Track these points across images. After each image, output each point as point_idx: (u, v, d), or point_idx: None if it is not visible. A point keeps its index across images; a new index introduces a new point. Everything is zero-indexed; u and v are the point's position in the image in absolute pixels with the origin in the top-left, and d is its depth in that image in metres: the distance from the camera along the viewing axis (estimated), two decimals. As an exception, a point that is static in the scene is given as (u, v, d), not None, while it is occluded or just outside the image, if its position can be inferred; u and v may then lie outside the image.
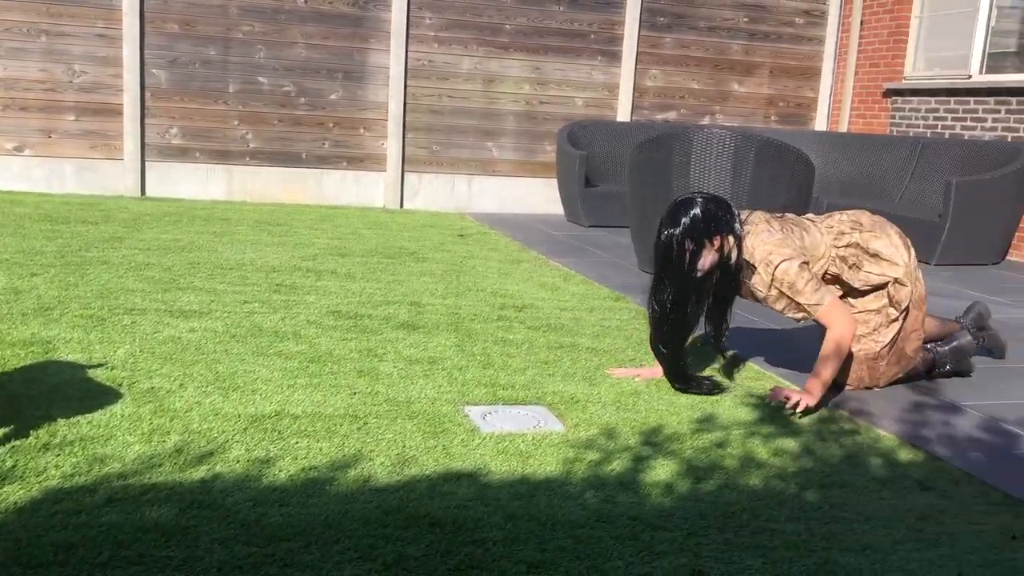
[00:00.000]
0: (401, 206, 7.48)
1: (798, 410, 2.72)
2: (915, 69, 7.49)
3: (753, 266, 2.83)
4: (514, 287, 4.49)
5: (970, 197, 5.86)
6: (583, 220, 6.98)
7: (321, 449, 2.29)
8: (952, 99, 6.99)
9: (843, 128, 8.09)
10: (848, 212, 3.02)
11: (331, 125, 7.27)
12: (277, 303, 3.84)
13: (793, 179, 4.64)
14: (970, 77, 6.86)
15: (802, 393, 2.76)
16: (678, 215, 2.77)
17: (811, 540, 1.95)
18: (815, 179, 7.60)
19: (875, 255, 2.92)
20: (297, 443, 2.32)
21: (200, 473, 2.10)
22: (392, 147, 7.36)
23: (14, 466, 2.07)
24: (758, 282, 2.84)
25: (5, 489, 1.96)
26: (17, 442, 2.20)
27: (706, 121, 8.05)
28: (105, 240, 5.04)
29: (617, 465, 2.31)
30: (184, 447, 2.25)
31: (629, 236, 6.16)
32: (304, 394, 2.70)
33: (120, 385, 2.67)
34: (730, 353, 3.41)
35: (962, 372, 3.28)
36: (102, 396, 2.56)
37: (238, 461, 2.18)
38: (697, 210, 2.76)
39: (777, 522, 2.03)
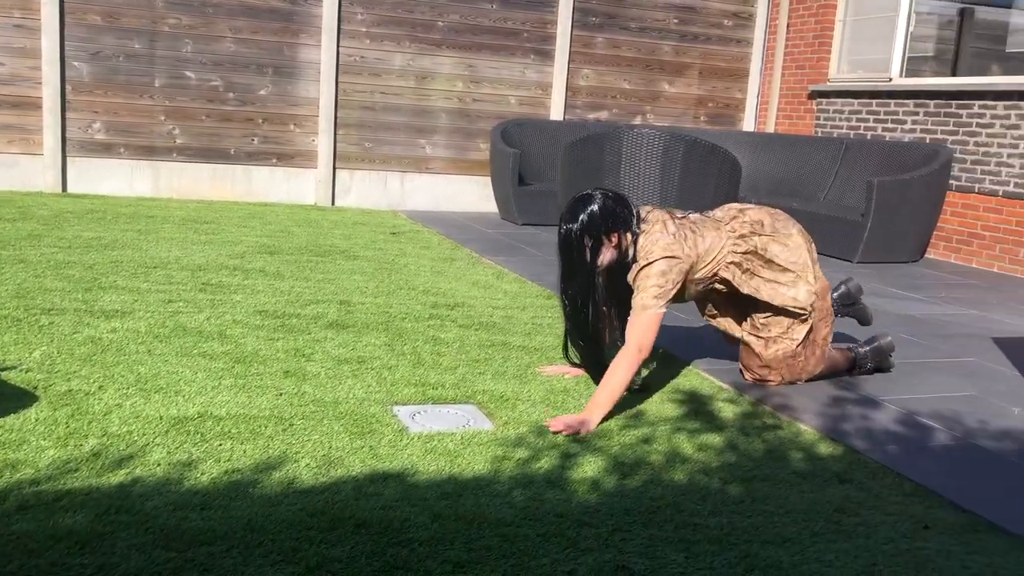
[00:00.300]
0: (332, 203, 7.40)
1: (579, 436, 2.53)
2: (839, 71, 7.68)
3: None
4: (446, 285, 4.48)
5: (891, 197, 6.04)
6: (517, 218, 7.00)
7: (245, 451, 2.25)
8: (874, 101, 7.20)
9: (770, 129, 8.26)
10: (751, 211, 3.02)
11: (261, 121, 7.16)
12: (203, 302, 3.76)
13: (720, 178, 4.72)
14: (891, 80, 7.07)
15: (582, 421, 2.56)
16: (577, 211, 2.77)
17: (733, 533, 1.99)
18: (742, 179, 7.76)
19: (770, 261, 2.94)
20: (220, 445, 2.28)
21: (118, 478, 2.05)
22: (323, 143, 7.28)
23: (-80, 473, 1.99)
24: (630, 275, 2.83)
25: (-91, 497, 1.88)
26: (-77, 448, 2.12)
27: (637, 121, 8.14)
28: (23, 238, 4.88)
29: (545, 463, 2.32)
30: (102, 451, 2.19)
31: (562, 234, 6.19)
32: (229, 395, 2.65)
33: (35, 388, 2.58)
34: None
35: (883, 369, 3.37)
36: (15, 399, 2.48)
37: (159, 464, 2.14)
38: (595, 206, 2.76)
39: (700, 516, 2.06)
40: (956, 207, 6.49)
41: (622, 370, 2.67)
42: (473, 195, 7.77)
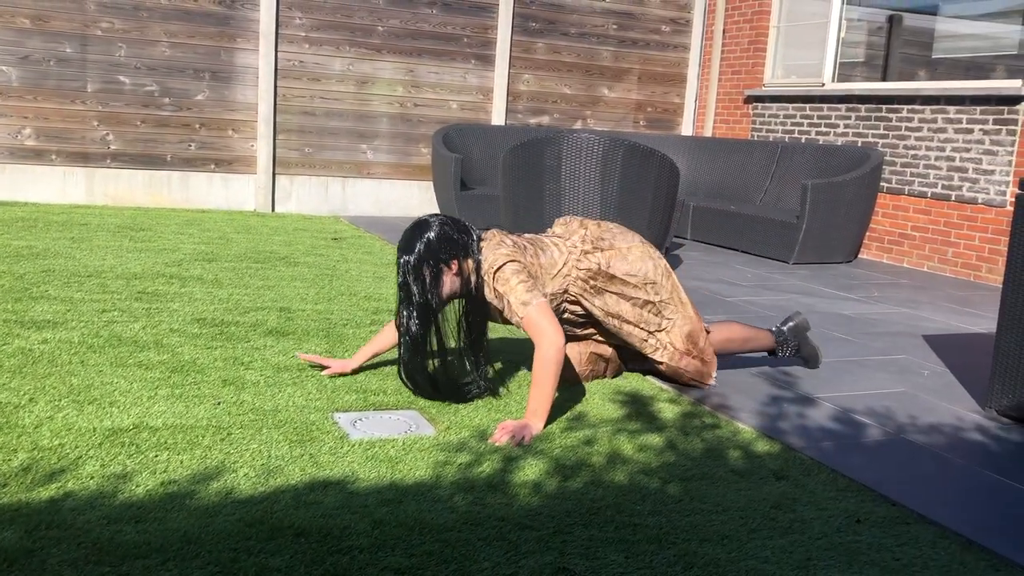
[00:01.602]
0: (273, 209, 7.32)
1: (525, 443, 2.51)
2: (774, 76, 7.84)
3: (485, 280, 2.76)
4: (388, 291, 4.46)
5: (825, 199, 6.18)
6: (459, 223, 6.99)
7: (182, 462, 2.22)
8: (807, 106, 7.36)
9: (708, 133, 8.39)
10: (591, 226, 2.99)
11: (198, 126, 7.05)
12: (138, 311, 3.69)
13: (660, 182, 4.78)
14: (823, 85, 7.24)
15: (524, 426, 2.54)
16: (412, 241, 2.67)
17: (672, 532, 2.02)
18: (681, 183, 7.87)
19: (613, 277, 2.93)
20: (156, 456, 2.24)
21: (49, 492, 2.00)
22: (262, 149, 7.19)
23: None
24: (488, 294, 2.75)
25: None
26: None
27: (578, 125, 8.20)
28: (-51, 247, 4.73)
29: (487, 467, 2.32)
30: (32, 465, 2.14)
31: (504, 238, 6.20)
32: (165, 405, 2.61)
33: (-38, 402, 2.51)
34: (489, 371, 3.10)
35: (808, 360, 3.44)
36: (-59, 414, 2.40)
37: (92, 477, 2.09)
38: (431, 234, 2.68)
39: (640, 516, 2.09)
40: (887, 208, 6.66)
41: (549, 372, 2.60)
42: (416, 200, 7.75)
